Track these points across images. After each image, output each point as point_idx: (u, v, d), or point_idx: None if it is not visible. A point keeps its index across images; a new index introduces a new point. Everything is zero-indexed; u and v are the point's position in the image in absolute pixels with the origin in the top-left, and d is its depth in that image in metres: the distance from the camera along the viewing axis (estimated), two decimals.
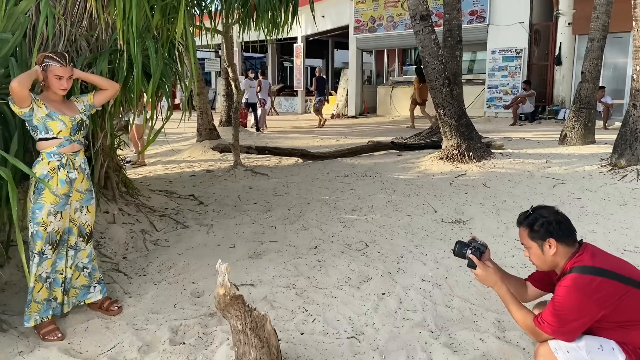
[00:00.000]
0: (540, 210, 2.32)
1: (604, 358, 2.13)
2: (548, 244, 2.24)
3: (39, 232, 3.09)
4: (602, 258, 2.21)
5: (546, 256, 2.27)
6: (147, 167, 8.59)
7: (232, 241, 4.64)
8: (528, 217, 2.32)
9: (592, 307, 2.10)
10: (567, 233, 2.25)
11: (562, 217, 2.28)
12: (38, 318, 3.16)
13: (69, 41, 3.79)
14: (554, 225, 2.24)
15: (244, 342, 2.56)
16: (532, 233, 2.28)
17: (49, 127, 3.10)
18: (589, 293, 2.09)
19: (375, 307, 3.40)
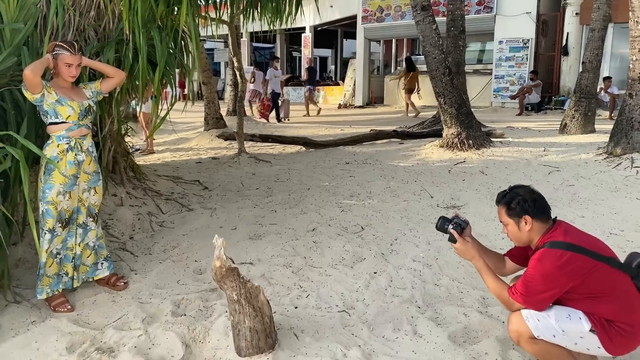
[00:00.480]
0: (516, 189, 2.47)
1: (571, 326, 2.29)
2: (524, 220, 2.39)
3: (49, 211, 3.30)
4: (573, 235, 2.36)
5: (522, 232, 2.42)
6: (155, 155, 8.82)
7: (234, 223, 4.84)
8: (505, 195, 2.48)
9: (560, 279, 2.25)
10: (541, 210, 2.40)
11: (537, 195, 2.44)
12: (49, 291, 3.38)
13: (78, 31, 3.98)
14: (529, 203, 2.39)
15: (239, 311, 2.75)
16: (509, 211, 2.44)
17: (58, 112, 3.30)
18: (559, 266, 2.25)
19: (366, 284, 3.58)
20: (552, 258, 2.26)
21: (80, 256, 3.58)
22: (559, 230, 2.36)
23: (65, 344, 2.96)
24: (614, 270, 2.29)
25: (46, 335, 3.06)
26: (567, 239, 2.30)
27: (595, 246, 2.34)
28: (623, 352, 2.35)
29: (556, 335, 2.29)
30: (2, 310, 3.30)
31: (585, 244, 2.30)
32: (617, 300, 2.28)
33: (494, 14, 14.81)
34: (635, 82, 5.81)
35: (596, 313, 2.28)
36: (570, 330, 2.29)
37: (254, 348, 2.76)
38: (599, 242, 2.41)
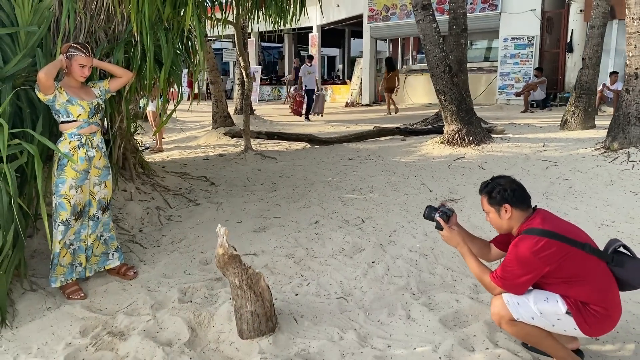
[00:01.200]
0: (498, 180, 2.62)
1: (549, 308, 2.44)
2: (504, 209, 2.54)
3: (62, 204, 3.50)
4: (550, 222, 2.51)
5: (502, 220, 2.58)
6: (164, 153, 9.02)
7: (239, 217, 5.03)
8: (487, 185, 2.64)
9: (536, 263, 2.40)
10: (520, 200, 2.55)
11: (517, 185, 2.58)
12: (63, 280, 3.58)
13: (89, 33, 4.18)
14: (509, 192, 2.54)
15: (241, 296, 2.93)
16: (490, 200, 2.59)
17: (69, 111, 3.50)
18: (535, 251, 2.39)
19: (364, 273, 3.75)
20: (529, 244, 2.41)
21: (92, 247, 3.77)
22: (538, 218, 2.50)
23: (78, 328, 3.16)
24: (589, 256, 2.43)
25: (61, 320, 3.26)
26: (544, 226, 2.45)
27: (571, 232, 2.48)
28: (598, 334, 2.50)
29: (535, 318, 2.45)
30: (20, 298, 3.51)
31: (561, 231, 2.45)
32: (592, 284, 2.42)
33: (499, 11, 14.89)
34: (632, 78, 5.91)
35: (572, 296, 2.43)
36: (547, 312, 2.43)
37: (255, 331, 2.94)
38: (576, 229, 2.55)
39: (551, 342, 2.51)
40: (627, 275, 2.44)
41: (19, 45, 3.72)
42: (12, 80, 3.61)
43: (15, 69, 3.61)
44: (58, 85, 3.46)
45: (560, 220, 2.59)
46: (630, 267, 2.44)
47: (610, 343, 2.80)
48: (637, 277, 2.45)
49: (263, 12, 6.81)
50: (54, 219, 3.51)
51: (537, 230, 2.44)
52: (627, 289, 2.51)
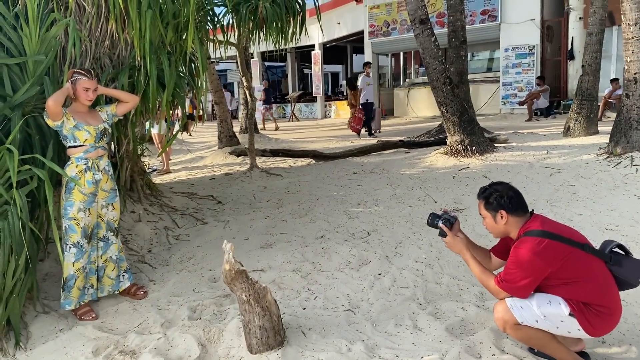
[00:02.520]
0: (496, 186, 2.68)
1: (552, 310, 2.47)
2: (500, 215, 2.60)
3: (71, 226, 3.58)
4: (549, 224, 2.56)
5: (498, 225, 2.63)
6: (171, 174, 9.12)
7: (246, 234, 5.08)
8: (485, 191, 2.70)
9: (539, 264, 2.44)
10: (516, 206, 2.59)
11: (514, 192, 2.63)
12: (77, 302, 3.64)
13: (94, 59, 4.30)
14: (505, 199, 2.59)
15: (249, 311, 2.98)
16: (486, 205, 2.65)
17: (76, 137, 3.60)
18: (537, 252, 2.44)
19: (371, 285, 3.78)
20: (531, 245, 2.45)
21: (103, 268, 3.84)
22: (536, 221, 2.55)
23: (91, 348, 3.21)
24: (588, 256, 2.48)
25: (73, 341, 3.32)
26: (544, 227, 2.50)
27: (569, 234, 2.53)
28: (602, 333, 2.53)
29: (538, 321, 2.48)
30: (33, 320, 3.58)
31: (560, 232, 2.50)
32: (592, 284, 2.46)
33: (498, 22, 15.02)
34: (631, 83, 5.95)
35: (574, 298, 2.46)
36: (551, 315, 2.47)
37: (264, 345, 2.98)
38: (573, 231, 2.60)
39: (556, 345, 2.54)
40: (625, 273, 2.48)
41: (28, 74, 3.83)
42: (21, 108, 3.71)
43: (24, 97, 3.71)
44: (65, 112, 3.56)
45: (557, 222, 2.65)
46: (628, 266, 2.48)
47: (616, 346, 2.82)
48: (636, 275, 2.48)
49: (264, 32, 6.93)
50: (65, 241, 3.59)
51: (537, 231, 2.49)
52: (625, 288, 2.54)
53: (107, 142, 3.86)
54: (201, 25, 5.19)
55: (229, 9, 6.47)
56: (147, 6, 3.97)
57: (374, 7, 17.99)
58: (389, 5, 17.60)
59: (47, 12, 3.94)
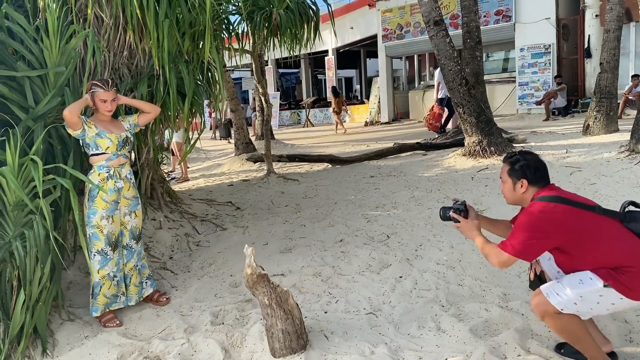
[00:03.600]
0: (524, 154, 2.64)
1: (587, 288, 2.41)
2: (520, 183, 2.58)
3: (95, 234, 3.63)
4: (560, 191, 2.54)
5: (516, 193, 2.61)
6: (190, 182, 9.21)
7: (266, 239, 5.10)
8: (512, 157, 2.66)
9: (546, 227, 2.41)
10: (539, 179, 2.57)
11: (541, 165, 2.60)
12: (104, 309, 3.69)
13: (113, 69, 4.37)
14: (531, 170, 2.56)
15: (271, 315, 2.99)
16: (510, 170, 2.62)
17: (98, 144, 3.65)
18: (545, 213, 2.42)
19: (392, 288, 3.77)
20: (538, 208, 2.45)
21: (129, 277, 3.88)
22: (548, 189, 2.56)
23: (116, 354, 3.25)
24: (601, 217, 2.44)
25: (98, 348, 3.36)
26: (553, 192, 2.50)
27: (581, 199, 2.51)
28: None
29: (577, 303, 2.41)
30: (59, 328, 3.63)
31: (571, 197, 2.48)
32: (615, 246, 2.40)
33: (513, 22, 14.91)
34: None
35: (602, 266, 2.40)
36: (587, 294, 2.41)
37: (287, 349, 2.98)
38: (586, 199, 2.56)
39: (589, 341, 2.49)
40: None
41: (49, 85, 3.90)
42: (43, 119, 3.79)
43: (45, 108, 3.78)
44: (87, 120, 3.62)
45: (570, 192, 2.60)
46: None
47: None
48: None
49: (278, 39, 6.98)
50: (89, 249, 3.64)
51: (546, 196, 2.49)
52: None
53: (129, 150, 3.91)
54: (217, 33, 5.25)
55: (243, 16, 6.52)
56: (164, 16, 4.03)
57: (386, 11, 18.00)
58: (402, 9, 17.59)
59: (67, 24, 4.01)
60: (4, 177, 3.24)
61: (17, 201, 3.36)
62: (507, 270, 3.87)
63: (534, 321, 3.08)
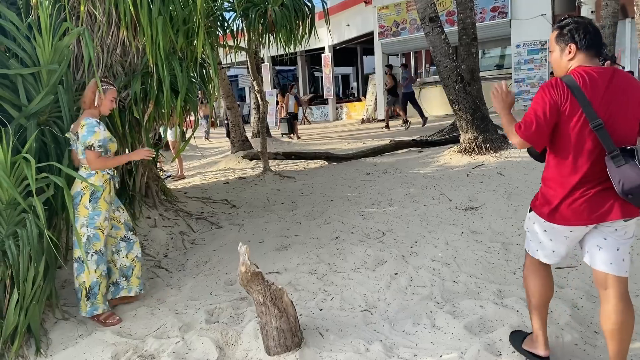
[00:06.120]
0: (576, 18, 2.33)
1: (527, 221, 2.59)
2: (568, 49, 2.29)
3: (97, 235, 3.62)
4: (593, 78, 2.18)
5: (562, 60, 2.32)
6: (186, 180, 9.19)
7: (261, 237, 5.09)
8: (562, 21, 2.37)
9: (544, 98, 2.21)
10: (590, 44, 2.26)
11: (592, 28, 2.29)
12: (103, 307, 3.68)
13: (106, 67, 4.34)
14: (580, 33, 2.26)
15: (266, 312, 2.97)
16: (559, 36, 2.33)
17: (109, 149, 3.67)
18: (544, 88, 2.24)
19: (387, 285, 3.76)
20: (547, 83, 2.26)
21: (132, 268, 3.88)
22: (587, 69, 2.23)
23: (110, 353, 3.22)
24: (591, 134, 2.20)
25: (93, 347, 3.33)
26: (577, 73, 2.22)
27: (607, 103, 2.18)
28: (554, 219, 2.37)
29: (530, 240, 2.56)
30: (53, 327, 3.61)
31: (594, 91, 2.17)
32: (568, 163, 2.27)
33: (509, 18, 14.89)
34: None
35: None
36: (528, 225, 2.56)
37: (282, 346, 2.97)
38: (626, 108, 2.21)
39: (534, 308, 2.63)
40: (616, 174, 2.15)
41: (41, 83, 3.88)
42: (36, 118, 3.76)
43: (38, 106, 3.76)
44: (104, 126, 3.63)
45: (619, 92, 2.20)
46: (625, 169, 2.13)
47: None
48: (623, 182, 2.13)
49: (274, 36, 6.96)
50: (86, 250, 3.60)
51: (565, 75, 2.26)
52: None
53: None
54: (211, 30, 5.23)
55: (238, 13, 6.50)
56: (157, 13, 4.01)
57: (383, 8, 17.96)
58: (398, 6, 17.55)
59: (60, 21, 3.99)
60: None
61: (10, 200, 3.34)
62: (502, 266, 3.88)
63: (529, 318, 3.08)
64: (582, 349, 2.78)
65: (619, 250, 2.32)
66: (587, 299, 3.29)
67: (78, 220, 3.57)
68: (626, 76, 2.29)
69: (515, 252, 4.09)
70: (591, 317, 3.09)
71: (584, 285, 3.47)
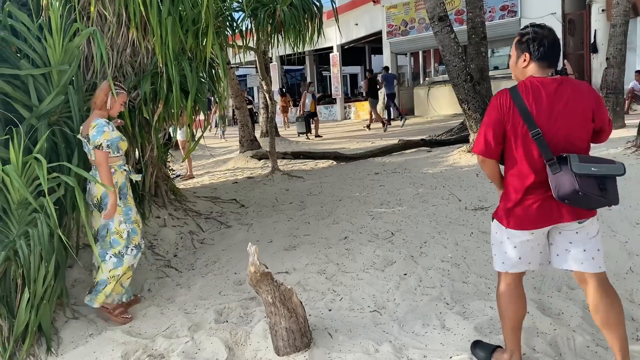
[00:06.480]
0: (536, 28, 2.42)
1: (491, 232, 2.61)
2: (524, 57, 2.41)
3: (134, 229, 3.72)
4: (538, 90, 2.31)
5: (518, 66, 2.46)
6: (195, 179, 9.21)
7: (270, 237, 5.10)
8: (525, 28, 2.47)
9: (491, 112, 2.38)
10: (542, 56, 2.36)
11: (548, 41, 2.37)
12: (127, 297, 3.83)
13: (116, 67, 4.36)
14: (535, 44, 2.36)
15: (275, 313, 2.98)
16: (517, 43, 2.46)
17: (120, 147, 3.71)
18: (495, 99, 2.39)
19: (397, 285, 3.75)
20: (497, 93, 2.40)
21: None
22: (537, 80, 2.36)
23: (120, 352, 3.24)
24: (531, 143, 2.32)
25: (103, 346, 3.36)
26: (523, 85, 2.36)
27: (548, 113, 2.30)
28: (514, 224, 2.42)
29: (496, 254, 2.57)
30: (63, 326, 3.64)
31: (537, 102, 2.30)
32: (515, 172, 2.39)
33: (518, 17, 14.84)
34: None
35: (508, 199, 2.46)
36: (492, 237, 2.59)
37: (291, 347, 2.97)
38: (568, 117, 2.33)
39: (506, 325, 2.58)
40: (553, 181, 2.27)
41: (52, 84, 3.90)
42: (47, 118, 3.79)
43: (49, 106, 3.79)
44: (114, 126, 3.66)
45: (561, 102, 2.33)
46: (559, 176, 2.25)
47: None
48: (558, 189, 2.26)
49: (282, 36, 6.96)
50: (126, 244, 3.66)
51: (513, 86, 2.38)
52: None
53: None
54: (220, 30, 5.24)
55: (247, 13, 6.51)
56: (167, 13, 4.02)
57: (391, 7, 17.94)
58: (406, 5, 17.52)
59: (70, 22, 4.01)
60: (8, 175, 3.24)
61: (21, 200, 3.36)
62: None
63: (540, 319, 3.06)
64: (593, 351, 2.75)
65: (586, 251, 2.40)
66: None
67: (114, 218, 3.61)
68: (576, 86, 2.38)
69: None
70: None
71: None
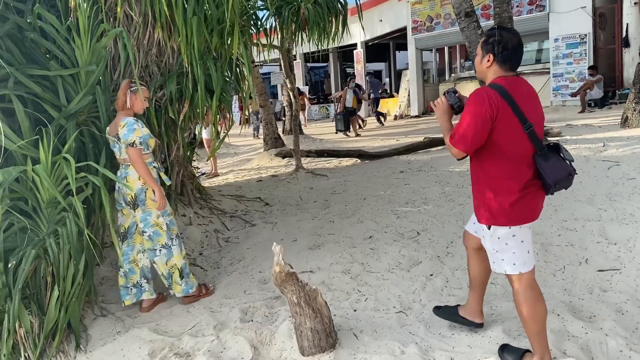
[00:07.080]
0: (501, 30, 2.55)
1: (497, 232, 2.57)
2: (488, 57, 2.52)
3: (172, 221, 3.83)
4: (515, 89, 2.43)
5: (482, 65, 2.56)
6: (220, 177, 9.28)
7: (294, 235, 5.09)
8: (492, 30, 2.60)
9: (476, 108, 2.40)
10: (504, 59, 2.49)
11: (512, 44, 2.48)
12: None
13: (142, 67, 4.40)
14: (500, 47, 2.48)
15: (300, 313, 2.96)
16: (484, 43, 2.57)
17: (149, 144, 3.75)
18: (478, 97, 2.41)
19: (423, 286, 3.71)
20: (479, 92, 2.45)
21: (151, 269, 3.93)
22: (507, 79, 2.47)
23: (147, 350, 3.27)
24: (525, 136, 2.42)
25: (130, 343, 3.39)
26: (506, 86, 2.42)
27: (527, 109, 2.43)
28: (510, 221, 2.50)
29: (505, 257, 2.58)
30: (92, 323, 3.69)
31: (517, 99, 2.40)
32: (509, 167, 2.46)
33: (547, 12, 14.52)
34: None
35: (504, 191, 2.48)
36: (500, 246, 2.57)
37: (316, 347, 2.96)
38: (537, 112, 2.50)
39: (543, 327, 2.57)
40: (546, 169, 2.42)
41: (80, 84, 3.95)
42: (75, 118, 3.84)
43: (77, 107, 3.84)
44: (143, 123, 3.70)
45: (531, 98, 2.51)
46: (552, 164, 2.43)
47: None
48: (555, 176, 2.43)
49: (306, 33, 6.94)
50: (169, 236, 3.77)
51: (494, 84, 2.45)
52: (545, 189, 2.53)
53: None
54: (245, 29, 5.24)
55: (271, 12, 6.51)
56: (192, 13, 4.03)
57: (416, 3, 17.74)
58: (431, 0, 17.32)
59: (97, 23, 4.05)
60: (38, 175, 3.29)
61: (51, 199, 3.41)
62: (542, 268, 3.77)
63: (570, 322, 2.98)
64: (627, 356, 2.67)
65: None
66: (632, 303, 3.16)
67: (152, 213, 3.69)
68: (529, 84, 2.58)
69: (555, 253, 3.97)
70: (637, 323, 2.97)
71: (629, 288, 3.34)
